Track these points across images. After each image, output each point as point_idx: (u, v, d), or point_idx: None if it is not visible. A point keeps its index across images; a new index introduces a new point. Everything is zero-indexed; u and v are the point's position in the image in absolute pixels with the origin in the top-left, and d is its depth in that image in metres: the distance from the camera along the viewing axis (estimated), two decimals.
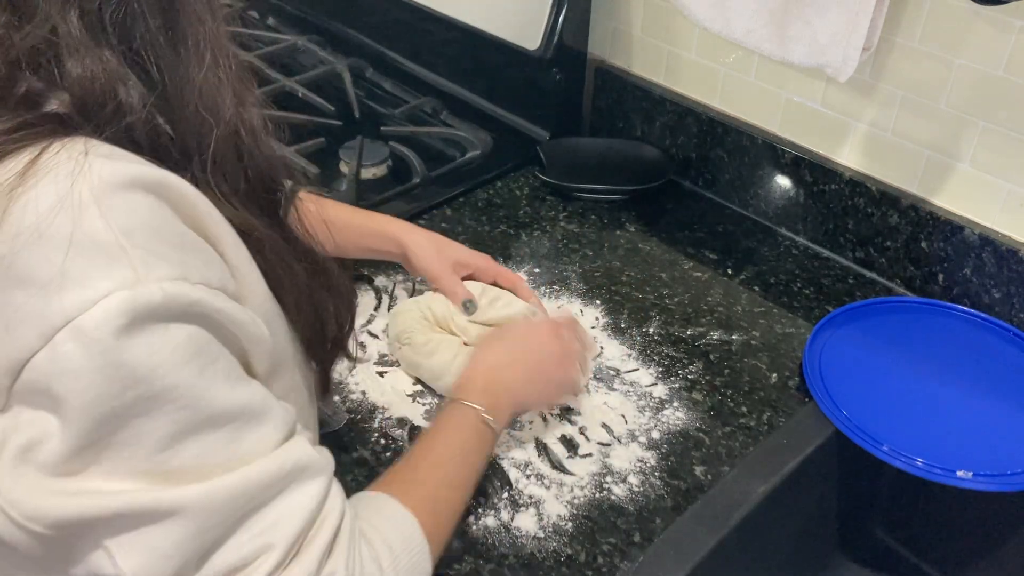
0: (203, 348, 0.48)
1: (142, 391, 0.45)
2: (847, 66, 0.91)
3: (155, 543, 0.47)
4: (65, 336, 0.43)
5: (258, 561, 0.51)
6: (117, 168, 0.46)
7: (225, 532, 0.50)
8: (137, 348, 0.44)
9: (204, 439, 0.48)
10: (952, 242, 0.98)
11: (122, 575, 0.47)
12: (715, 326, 0.98)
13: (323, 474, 0.55)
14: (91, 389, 0.44)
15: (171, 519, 0.47)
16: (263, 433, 0.51)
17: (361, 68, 1.46)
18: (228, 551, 0.50)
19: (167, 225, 0.47)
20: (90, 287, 0.43)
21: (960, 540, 0.94)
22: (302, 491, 0.53)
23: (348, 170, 1.19)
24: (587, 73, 1.28)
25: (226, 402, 0.49)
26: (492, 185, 1.21)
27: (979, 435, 0.84)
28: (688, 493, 0.80)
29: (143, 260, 0.45)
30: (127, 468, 0.46)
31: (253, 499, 0.50)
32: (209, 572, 0.50)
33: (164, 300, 0.45)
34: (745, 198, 1.17)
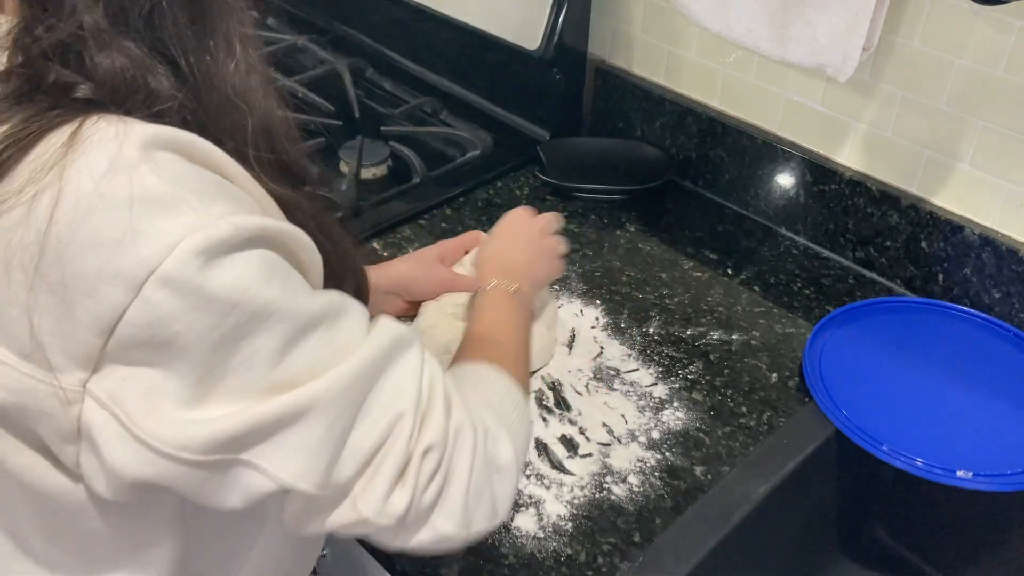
0: (277, 266, 0.50)
1: (239, 315, 0.47)
2: (847, 66, 0.91)
3: (301, 444, 0.50)
4: (153, 286, 0.45)
5: (396, 431, 0.54)
6: (154, 129, 0.48)
7: (354, 416, 0.53)
8: (222, 278, 0.46)
9: (308, 343, 0.51)
10: (952, 242, 0.98)
11: (282, 482, 0.50)
12: (715, 326, 0.98)
13: (416, 343, 0.58)
14: (194, 326, 0.46)
15: (304, 417, 0.50)
16: (352, 323, 0.54)
17: (361, 68, 1.46)
18: (366, 431, 0.53)
19: (206, 175, 0.49)
20: (162, 236, 0.45)
21: (960, 540, 0.94)
22: (404, 361, 0.56)
23: (348, 170, 1.19)
24: (587, 73, 1.28)
25: (313, 306, 0.51)
26: (492, 185, 1.21)
27: (979, 435, 0.84)
28: (688, 493, 0.80)
29: (201, 203, 0.47)
30: (251, 388, 0.49)
31: (367, 380, 0.53)
32: (356, 459, 0.53)
33: (232, 232, 0.47)
34: (745, 198, 1.17)
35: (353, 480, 0.53)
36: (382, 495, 0.53)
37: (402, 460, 0.54)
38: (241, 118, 0.52)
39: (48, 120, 0.47)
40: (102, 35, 0.47)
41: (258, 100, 0.53)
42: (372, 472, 0.54)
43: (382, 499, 0.54)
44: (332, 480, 0.52)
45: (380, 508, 0.54)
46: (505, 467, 0.60)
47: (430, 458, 0.55)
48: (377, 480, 0.53)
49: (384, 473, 0.53)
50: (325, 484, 0.52)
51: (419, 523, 0.56)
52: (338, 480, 0.52)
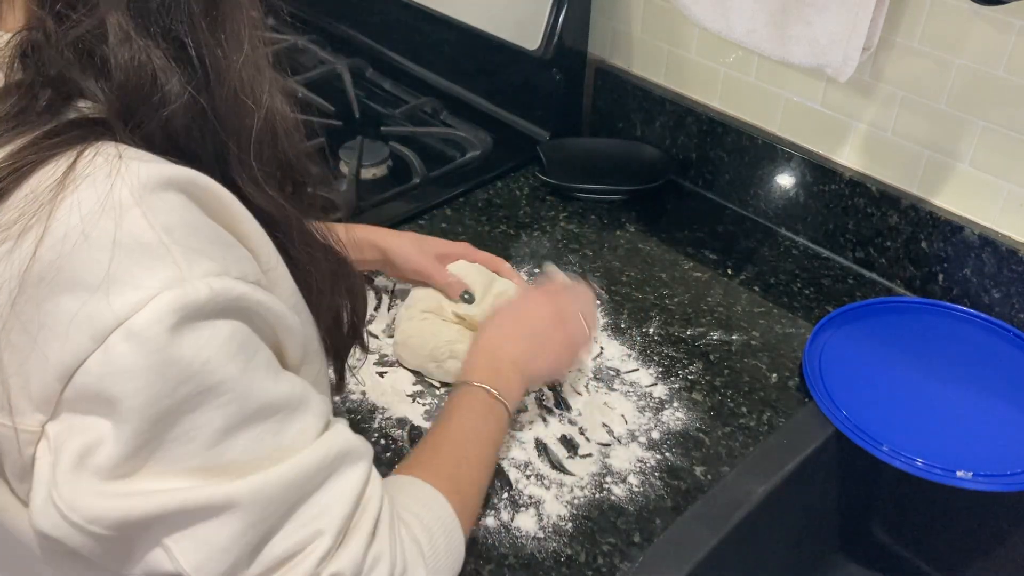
0: (246, 342, 0.48)
1: (194, 387, 0.46)
2: (847, 66, 0.91)
3: (212, 538, 0.48)
4: (118, 337, 0.44)
5: (309, 548, 0.52)
6: (152, 168, 0.46)
7: (278, 522, 0.51)
8: (188, 345, 0.45)
9: (253, 431, 0.49)
10: (952, 242, 0.98)
11: (182, 571, 0.48)
12: (715, 326, 0.98)
13: (364, 459, 0.57)
14: (146, 388, 0.44)
15: (226, 513, 0.48)
16: (306, 422, 0.52)
17: (361, 68, 1.46)
18: (281, 541, 0.51)
19: (202, 222, 0.48)
20: (139, 288, 0.44)
21: (960, 540, 0.94)
22: (346, 476, 0.54)
23: (348, 170, 1.19)
24: (587, 73, 1.28)
25: (271, 394, 0.50)
26: (492, 185, 1.21)
27: (979, 435, 0.84)
28: (688, 493, 0.80)
29: (187, 257, 0.45)
30: (181, 465, 0.47)
31: (303, 487, 0.51)
32: (263, 563, 0.51)
33: (210, 296, 0.46)
34: (745, 198, 1.17)
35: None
36: None
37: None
38: (248, 115, 0.51)
39: (46, 150, 0.46)
40: (124, 30, 0.46)
41: (265, 97, 0.52)
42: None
43: None
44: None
45: None
46: None
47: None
48: None
49: None
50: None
51: None
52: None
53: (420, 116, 1.36)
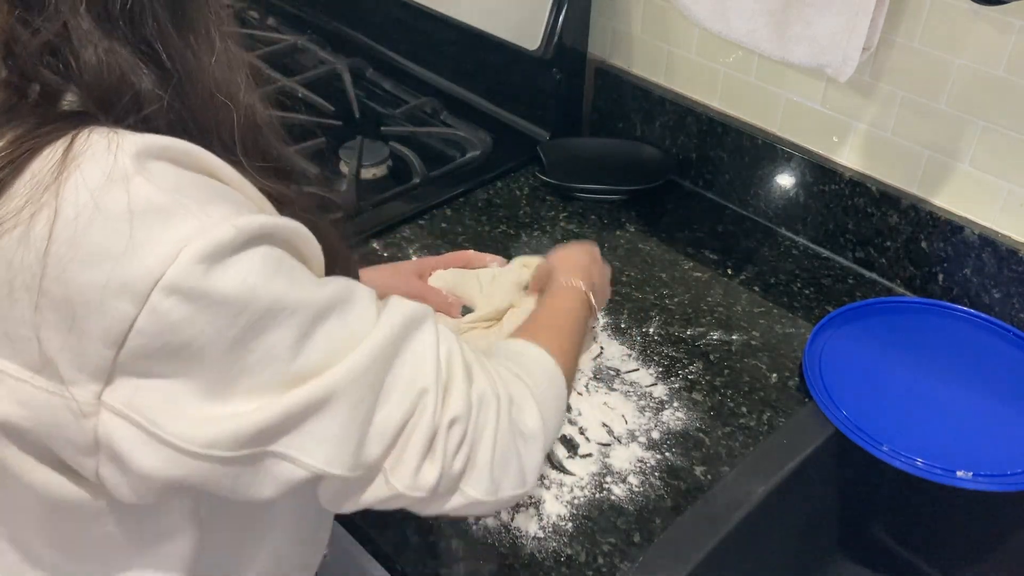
0: (282, 260, 0.50)
1: (250, 314, 0.47)
2: (847, 66, 0.91)
3: (325, 432, 0.51)
4: (159, 295, 0.45)
5: (420, 406, 0.55)
6: (145, 139, 0.48)
7: (376, 397, 0.54)
8: (228, 281, 0.47)
9: (321, 331, 0.51)
10: (952, 242, 0.98)
11: (314, 470, 0.51)
12: (715, 326, 0.98)
13: (428, 319, 0.58)
14: (206, 330, 0.46)
15: (327, 404, 0.51)
16: (362, 307, 0.55)
17: (361, 68, 1.46)
18: (390, 410, 0.54)
19: (201, 180, 0.50)
20: (164, 245, 0.45)
21: (960, 540, 0.94)
22: (420, 337, 0.57)
23: (348, 170, 1.19)
24: (587, 73, 1.28)
25: (322, 296, 0.52)
26: (492, 185, 1.21)
27: (979, 435, 0.84)
28: (688, 493, 0.80)
29: (200, 208, 0.47)
30: (271, 382, 0.49)
31: (386, 360, 0.54)
32: (383, 438, 0.54)
33: (234, 233, 0.47)
34: (745, 198, 1.17)
35: (382, 458, 0.54)
36: (413, 469, 0.55)
37: (429, 434, 0.55)
38: (226, 114, 0.52)
39: (40, 137, 0.47)
40: (86, 34, 0.47)
41: (242, 95, 0.53)
42: (401, 448, 0.55)
43: (413, 473, 0.55)
44: (362, 461, 0.53)
45: (412, 482, 0.55)
46: (531, 434, 0.61)
47: (455, 429, 0.56)
48: (407, 456, 0.55)
49: (413, 448, 0.55)
50: (356, 465, 0.53)
51: (450, 491, 0.58)
52: (368, 460, 0.54)
53: (420, 116, 1.36)
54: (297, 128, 1.28)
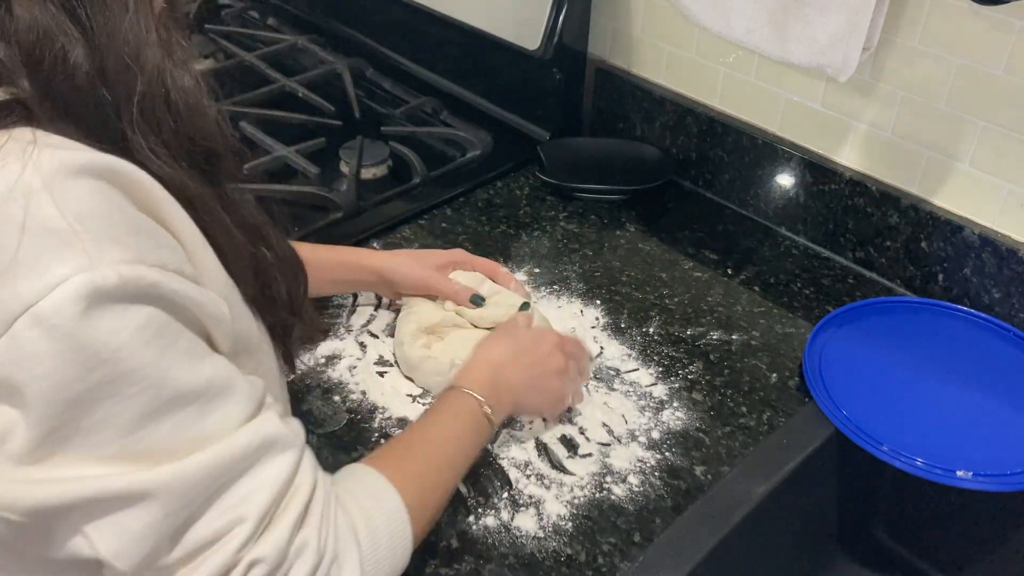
0: (163, 329, 0.48)
1: (105, 373, 0.45)
2: (847, 66, 0.91)
3: (129, 525, 0.48)
4: (24, 323, 0.43)
5: (230, 535, 0.52)
6: (67, 156, 0.46)
7: (198, 509, 0.51)
8: (98, 330, 0.44)
9: (171, 419, 0.48)
10: (952, 242, 0.98)
11: (100, 556, 0.48)
12: (715, 326, 0.98)
13: (293, 447, 0.56)
14: (54, 374, 0.44)
15: (144, 501, 0.48)
16: (230, 409, 0.52)
17: (361, 68, 1.46)
18: (201, 527, 0.51)
19: (119, 210, 0.48)
20: (46, 273, 0.43)
21: (960, 540, 0.94)
22: (272, 464, 0.54)
23: (348, 170, 1.19)
24: (587, 73, 1.28)
25: (190, 380, 0.49)
26: (492, 185, 1.21)
27: (979, 435, 0.84)
28: (688, 493, 0.80)
29: (97, 244, 0.45)
30: (97, 453, 0.47)
31: (223, 475, 0.51)
32: (183, 548, 0.51)
33: (120, 282, 0.45)
34: (745, 198, 1.17)
35: (175, 568, 0.51)
36: None
37: (226, 565, 0.52)
38: (132, 78, 0.50)
39: None
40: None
41: (153, 62, 0.51)
42: (196, 566, 0.51)
43: None
44: (153, 564, 0.50)
45: None
46: None
47: (256, 572, 0.52)
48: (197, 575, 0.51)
49: (204, 572, 0.51)
50: (144, 567, 0.50)
51: None
52: (160, 564, 0.50)
53: (420, 116, 1.36)
54: (297, 128, 1.28)
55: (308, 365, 0.90)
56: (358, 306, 0.99)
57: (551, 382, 0.81)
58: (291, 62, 1.49)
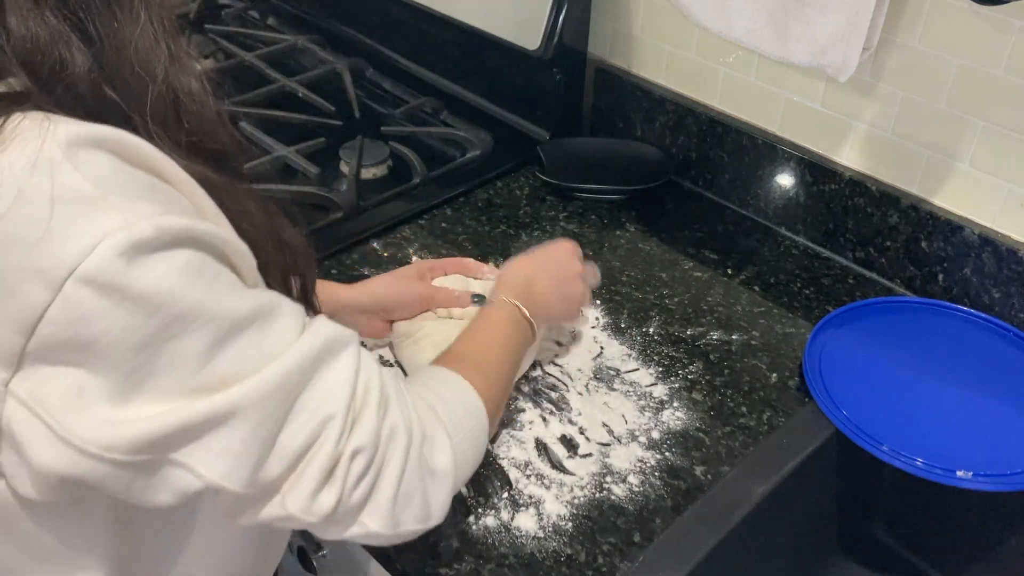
0: (204, 267, 0.50)
1: (163, 316, 0.47)
2: (847, 66, 0.91)
3: (226, 445, 0.50)
4: (74, 285, 0.45)
5: (324, 433, 0.54)
6: (80, 127, 0.47)
7: (283, 417, 0.53)
8: (146, 279, 0.46)
9: (235, 344, 0.51)
10: (952, 242, 0.98)
11: (210, 483, 0.51)
12: (715, 326, 0.98)
13: (351, 344, 0.58)
14: (116, 326, 0.46)
15: (231, 420, 0.50)
16: (284, 323, 0.54)
17: (361, 68, 1.46)
18: (293, 434, 0.53)
19: (136, 175, 0.49)
20: (84, 235, 0.45)
21: (960, 540, 0.94)
22: (338, 362, 0.56)
23: (348, 170, 1.19)
24: (587, 73, 1.28)
25: (242, 307, 0.51)
26: (492, 185, 1.21)
27: (979, 435, 0.84)
28: (688, 493, 0.80)
29: (125, 203, 0.46)
30: (177, 389, 0.49)
31: (297, 383, 0.53)
32: (284, 459, 0.53)
33: (156, 233, 0.46)
34: (745, 198, 1.17)
35: (281, 479, 0.54)
36: (309, 494, 0.54)
37: (330, 462, 0.54)
38: (144, 88, 0.51)
39: None
40: (16, 3, 0.47)
41: (162, 70, 0.52)
42: (300, 472, 0.54)
43: (309, 498, 0.54)
44: (259, 479, 0.53)
45: (307, 506, 0.55)
46: (440, 473, 0.61)
47: (359, 460, 0.55)
48: (304, 480, 0.54)
49: (311, 474, 0.54)
50: (252, 483, 0.52)
51: (348, 520, 0.57)
52: (265, 479, 0.53)
53: (420, 116, 1.36)
54: (297, 128, 1.28)
55: None
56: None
57: (574, 288, 0.86)
58: (291, 62, 1.49)
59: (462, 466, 0.64)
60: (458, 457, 0.63)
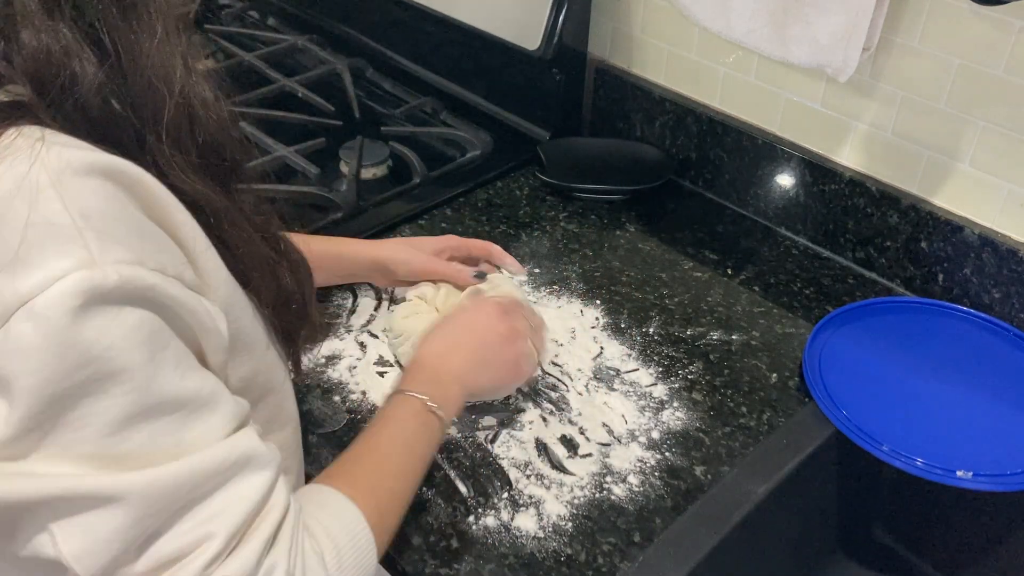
0: (155, 333, 0.48)
1: (92, 372, 0.45)
2: (847, 66, 0.91)
3: (96, 528, 0.47)
4: (20, 317, 0.43)
5: (197, 551, 0.51)
6: (74, 155, 0.46)
7: (167, 521, 0.50)
8: (90, 329, 0.44)
9: (151, 425, 0.48)
10: (952, 242, 0.98)
11: (61, 557, 0.48)
12: (715, 326, 0.98)
13: (269, 467, 0.55)
14: (42, 369, 0.44)
15: (113, 505, 0.47)
16: (211, 423, 0.51)
17: (361, 68, 1.46)
18: (168, 540, 0.50)
19: (124, 212, 0.48)
20: (46, 268, 0.44)
21: (960, 540, 0.94)
22: (247, 482, 0.53)
23: (348, 170, 1.19)
24: (587, 73, 1.28)
25: (175, 389, 0.49)
26: (492, 185, 1.21)
27: (979, 435, 0.84)
28: (688, 493, 0.80)
29: (99, 243, 0.45)
30: (73, 451, 0.46)
31: (197, 488, 0.50)
32: (148, 561, 0.50)
33: (119, 283, 0.45)
34: (745, 198, 1.17)
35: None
36: None
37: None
38: (161, 101, 0.51)
39: None
40: (30, 15, 0.46)
41: (179, 83, 0.51)
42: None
43: None
44: (114, 573, 0.49)
45: None
46: None
47: None
48: None
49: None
50: (103, 575, 0.49)
51: None
52: (120, 574, 0.49)
53: (420, 116, 1.36)
54: (297, 128, 1.28)
55: (308, 365, 0.90)
56: (358, 306, 0.99)
57: (502, 353, 0.79)
58: (291, 62, 1.49)
59: None
60: None
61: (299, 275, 0.64)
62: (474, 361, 0.78)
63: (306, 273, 0.65)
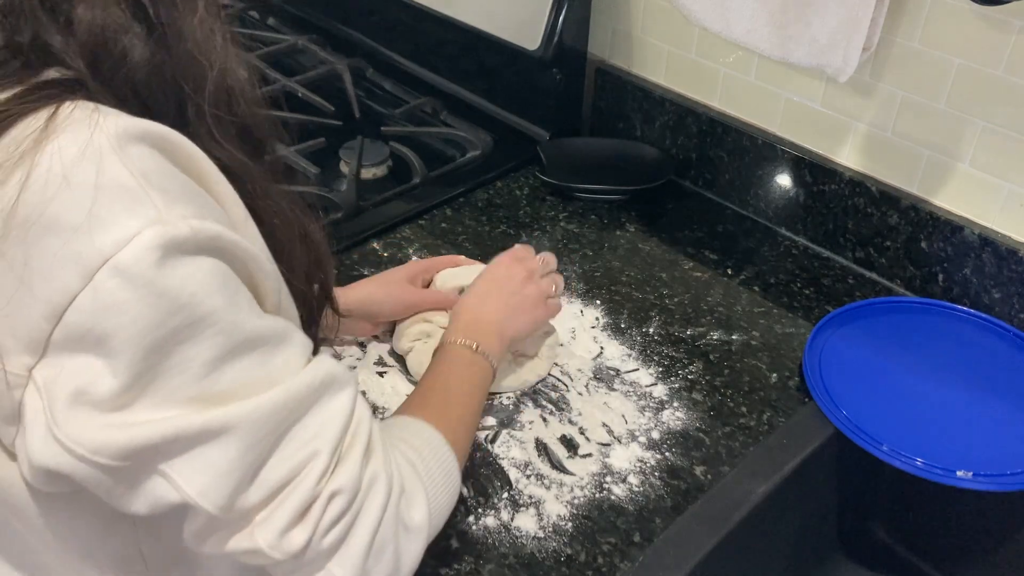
0: (228, 278, 0.50)
1: (184, 318, 0.47)
2: (847, 66, 0.91)
3: (214, 461, 0.50)
4: (105, 274, 0.45)
5: (307, 469, 0.54)
6: (127, 121, 0.48)
7: (272, 445, 0.52)
8: (174, 278, 0.47)
9: (241, 362, 0.51)
10: (952, 242, 0.98)
11: (187, 498, 0.50)
12: (715, 326, 0.98)
13: (350, 384, 0.58)
14: (138, 321, 0.46)
15: (225, 436, 0.50)
16: (291, 353, 0.54)
17: (361, 68, 1.46)
18: (275, 466, 0.53)
19: (176, 175, 0.50)
20: (121, 226, 0.46)
21: (960, 540, 0.94)
22: (334, 401, 0.56)
23: (348, 170, 1.19)
24: (587, 73, 1.28)
25: (255, 327, 0.51)
26: (492, 185, 1.21)
27: (979, 435, 0.84)
28: (688, 493, 0.80)
29: (164, 200, 0.47)
30: (177, 396, 0.49)
31: (293, 412, 0.53)
32: (262, 488, 0.52)
33: (190, 234, 0.47)
34: (745, 198, 1.17)
35: (256, 509, 0.53)
36: (280, 530, 0.53)
37: (307, 499, 0.53)
38: (202, 74, 0.53)
39: (27, 104, 0.48)
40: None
41: (218, 57, 0.53)
42: (276, 505, 0.53)
43: (279, 534, 0.53)
44: (235, 504, 0.52)
45: (276, 542, 0.53)
46: (415, 528, 0.60)
47: (336, 503, 0.55)
48: (278, 514, 0.53)
49: (286, 508, 0.53)
50: (227, 507, 0.51)
51: (316, 564, 0.56)
52: (241, 506, 0.52)
53: (420, 116, 1.36)
54: (297, 128, 1.28)
55: None
56: None
57: (526, 294, 0.85)
58: (291, 62, 1.49)
59: (436, 522, 0.64)
60: (433, 512, 0.62)
61: (321, 255, 0.65)
62: (506, 308, 0.83)
63: (327, 254, 0.66)
